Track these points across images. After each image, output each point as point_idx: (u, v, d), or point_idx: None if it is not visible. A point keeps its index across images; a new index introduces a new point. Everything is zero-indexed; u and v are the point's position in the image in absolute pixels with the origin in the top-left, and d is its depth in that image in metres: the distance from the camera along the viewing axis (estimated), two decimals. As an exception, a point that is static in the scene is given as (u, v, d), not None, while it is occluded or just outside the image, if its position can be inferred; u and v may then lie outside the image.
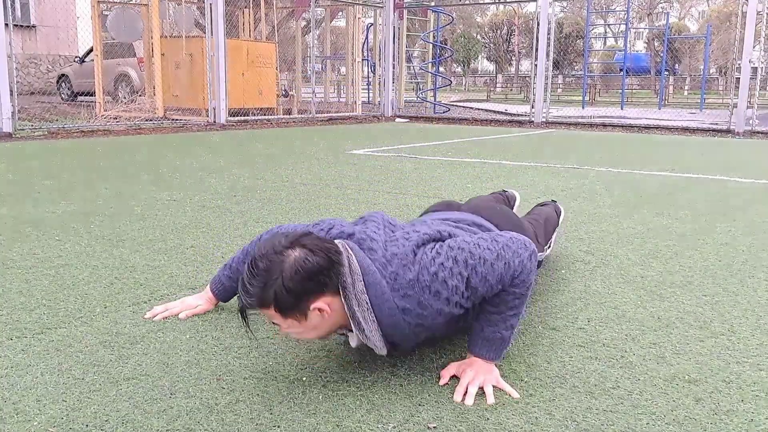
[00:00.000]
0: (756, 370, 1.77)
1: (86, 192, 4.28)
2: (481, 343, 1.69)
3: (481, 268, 1.62)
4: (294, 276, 1.51)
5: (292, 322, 1.57)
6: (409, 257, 1.64)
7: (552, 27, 11.57)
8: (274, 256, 1.53)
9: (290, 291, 1.51)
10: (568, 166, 6.09)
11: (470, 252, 1.64)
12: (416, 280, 1.61)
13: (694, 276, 2.64)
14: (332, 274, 1.56)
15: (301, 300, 1.54)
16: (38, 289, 2.33)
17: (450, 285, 1.61)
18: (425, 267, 1.62)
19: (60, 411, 1.50)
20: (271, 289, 1.51)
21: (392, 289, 1.61)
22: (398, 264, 1.62)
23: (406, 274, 1.61)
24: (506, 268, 1.64)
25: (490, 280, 1.63)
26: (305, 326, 1.58)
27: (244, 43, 11.87)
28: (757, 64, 10.34)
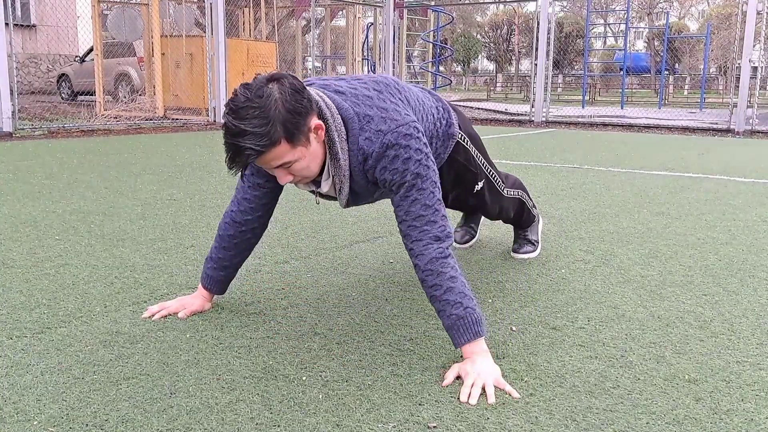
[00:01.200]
0: (756, 370, 1.77)
1: (86, 191, 4.28)
2: (454, 334, 1.72)
3: (416, 193, 1.74)
4: (288, 98, 1.60)
5: (301, 150, 1.65)
6: (389, 111, 1.76)
7: (552, 26, 11.57)
8: (258, 97, 1.59)
9: (292, 111, 1.60)
10: (568, 165, 6.09)
11: (427, 176, 1.75)
12: (384, 133, 1.73)
13: (694, 275, 2.64)
14: (310, 97, 1.68)
15: (302, 118, 1.63)
16: (38, 289, 2.33)
17: (395, 165, 1.73)
18: (399, 133, 1.73)
19: (60, 410, 1.50)
20: (276, 121, 1.58)
21: (360, 129, 1.74)
22: (375, 111, 1.75)
23: (380, 123, 1.74)
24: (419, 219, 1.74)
25: (406, 206, 1.74)
26: (311, 154, 1.68)
27: (244, 42, 11.87)
28: (757, 64, 10.34)
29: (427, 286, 1.74)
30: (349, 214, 3.69)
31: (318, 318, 2.10)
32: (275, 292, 2.35)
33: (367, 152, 1.74)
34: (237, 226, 2.06)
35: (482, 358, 1.69)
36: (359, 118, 1.75)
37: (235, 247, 2.10)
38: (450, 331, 1.73)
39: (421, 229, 1.75)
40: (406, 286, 2.45)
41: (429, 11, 15.95)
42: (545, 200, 4.21)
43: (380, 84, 1.89)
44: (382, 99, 1.81)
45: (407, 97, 1.94)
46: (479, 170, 2.38)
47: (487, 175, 2.44)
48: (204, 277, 2.15)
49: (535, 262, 2.79)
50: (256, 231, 2.10)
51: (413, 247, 1.76)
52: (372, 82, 1.88)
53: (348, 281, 2.49)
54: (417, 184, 1.74)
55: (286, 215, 3.65)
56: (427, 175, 1.76)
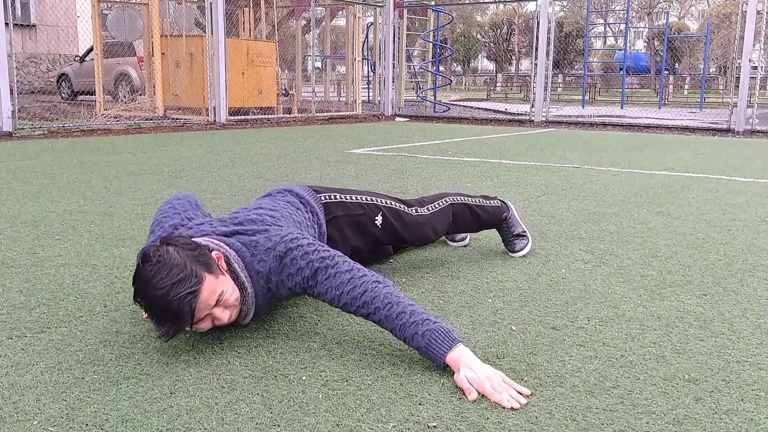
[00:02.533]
0: (756, 370, 1.77)
1: (86, 191, 4.28)
2: (433, 350, 1.68)
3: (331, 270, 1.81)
4: (184, 245, 1.76)
5: (222, 279, 1.77)
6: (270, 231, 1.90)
7: (552, 26, 11.57)
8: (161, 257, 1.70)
9: (194, 250, 1.76)
10: (568, 165, 6.09)
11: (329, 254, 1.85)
12: (272, 249, 1.85)
13: (694, 275, 2.64)
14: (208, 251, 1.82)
15: (207, 252, 1.79)
16: (38, 288, 2.33)
17: (298, 265, 1.82)
18: (285, 241, 1.85)
19: (60, 410, 1.50)
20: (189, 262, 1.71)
21: (252, 255, 1.87)
22: (259, 236, 1.89)
23: (265, 243, 1.87)
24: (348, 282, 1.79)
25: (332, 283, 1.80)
26: (229, 280, 1.80)
27: (244, 42, 11.87)
28: (757, 63, 10.33)
29: (391, 320, 1.72)
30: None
31: (318, 317, 2.10)
32: (275, 291, 2.35)
33: (265, 272, 1.85)
34: None
35: (474, 361, 1.65)
36: (248, 247, 1.87)
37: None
38: (428, 349, 1.68)
39: (357, 285, 1.77)
40: (407, 285, 2.45)
41: (429, 11, 15.94)
42: (545, 200, 4.21)
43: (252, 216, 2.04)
44: (259, 226, 1.96)
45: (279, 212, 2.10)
46: (366, 209, 2.38)
47: (380, 207, 2.42)
48: None
49: (535, 262, 2.79)
50: None
51: (364, 299, 1.76)
52: (245, 219, 2.02)
53: (348, 281, 2.49)
54: (328, 264, 1.81)
55: (286, 215, 3.65)
56: (330, 255, 1.84)
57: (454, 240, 3.04)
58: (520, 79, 34.68)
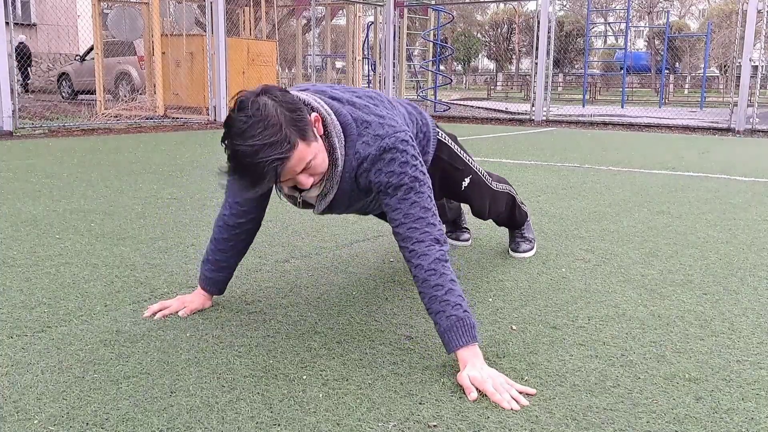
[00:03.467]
0: (756, 369, 1.77)
1: (87, 190, 4.28)
2: (452, 336, 1.67)
3: (414, 196, 1.75)
4: (283, 102, 1.62)
5: (314, 146, 1.66)
6: (385, 119, 1.79)
7: (552, 25, 11.56)
8: (257, 111, 1.58)
9: (293, 110, 1.62)
10: (568, 164, 6.09)
11: (424, 181, 1.78)
12: (381, 138, 1.76)
13: (694, 274, 2.64)
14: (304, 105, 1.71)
15: (302, 113, 1.65)
16: (38, 288, 2.33)
17: (392, 168, 1.75)
18: (397, 138, 1.76)
19: (60, 409, 1.50)
20: (286, 125, 1.59)
21: (358, 134, 1.77)
22: (373, 118, 1.78)
23: (377, 128, 1.77)
24: (418, 221, 1.74)
25: (405, 209, 1.74)
26: (321, 147, 1.69)
27: (244, 41, 11.87)
28: (758, 63, 10.33)
29: (428, 286, 1.70)
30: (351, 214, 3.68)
31: (318, 317, 2.10)
32: (275, 291, 2.35)
33: (363, 155, 1.76)
34: (230, 229, 2.07)
35: (481, 363, 1.66)
36: (357, 123, 1.77)
37: (231, 249, 2.11)
38: (447, 334, 1.67)
39: (422, 230, 1.73)
40: (407, 284, 2.45)
41: (429, 10, 15.93)
42: (545, 199, 4.21)
43: (372, 95, 1.94)
44: (377, 107, 1.85)
45: (397, 108, 2.00)
46: (464, 167, 2.40)
47: (473, 171, 2.45)
48: (202, 279, 2.15)
49: (536, 261, 2.79)
50: (250, 231, 2.11)
51: (415, 248, 1.73)
52: (364, 94, 1.92)
53: (348, 280, 2.49)
54: (415, 187, 1.75)
55: (287, 214, 3.65)
56: (423, 180, 1.78)
57: (458, 239, 3.04)
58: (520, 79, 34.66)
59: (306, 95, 1.78)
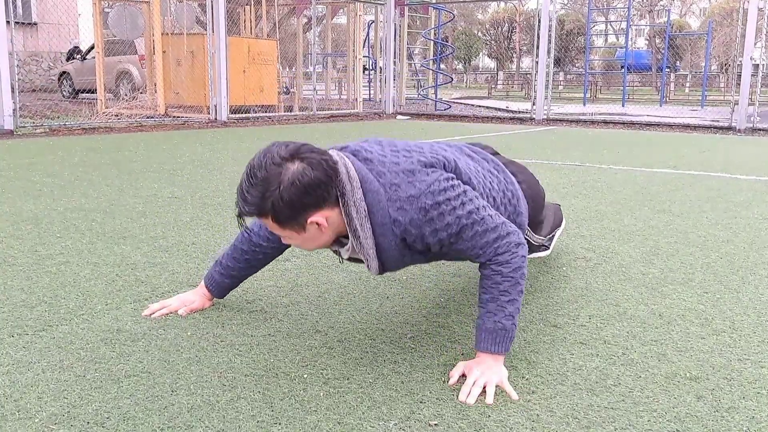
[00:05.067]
0: (757, 368, 1.77)
1: (87, 189, 4.28)
2: (485, 337, 1.68)
3: (479, 227, 1.68)
4: (292, 189, 1.53)
5: (290, 233, 1.61)
6: (416, 174, 1.66)
7: (553, 24, 11.55)
8: (272, 167, 1.54)
9: (288, 204, 1.54)
10: (569, 163, 6.09)
11: (478, 208, 1.69)
12: (416, 198, 1.63)
13: (695, 273, 2.63)
14: (330, 188, 1.58)
15: (299, 213, 1.56)
16: (39, 287, 2.33)
17: (445, 221, 1.65)
18: (432, 192, 1.64)
19: (61, 408, 1.50)
20: (269, 200, 1.54)
21: (389, 199, 1.63)
22: (402, 178, 1.65)
23: (409, 189, 1.64)
24: (495, 241, 1.69)
25: (478, 241, 1.68)
26: (303, 237, 1.62)
27: (245, 40, 11.85)
28: (759, 61, 10.32)
29: (497, 289, 1.68)
30: (350, 212, 3.68)
31: (319, 316, 2.10)
32: (276, 289, 2.35)
33: (404, 222, 1.64)
34: (252, 245, 2.05)
35: (493, 361, 1.67)
36: (386, 188, 1.64)
37: (245, 262, 2.08)
38: (484, 333, 1.67)
39: (499, 245, 1.69)
40: (408, 283, 2.45)
41: (430, 9, 15.92)
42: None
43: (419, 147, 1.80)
44: (411, 160, 1.70)
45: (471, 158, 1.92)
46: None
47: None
48: (208, 278, 2.14)
49: (536, 260, 2.78)
50: (269, 255, 2.08)
51: (500, 259, 1.69)
52: (403, 148, 1.77)
53: (349, 279, 2.49)
54: (475, 219, 1.68)
55: (287, 213, 3.64)
56: (477, 207, 1.69)
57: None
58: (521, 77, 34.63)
59: (339, 156, 1.65)
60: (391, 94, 13.58)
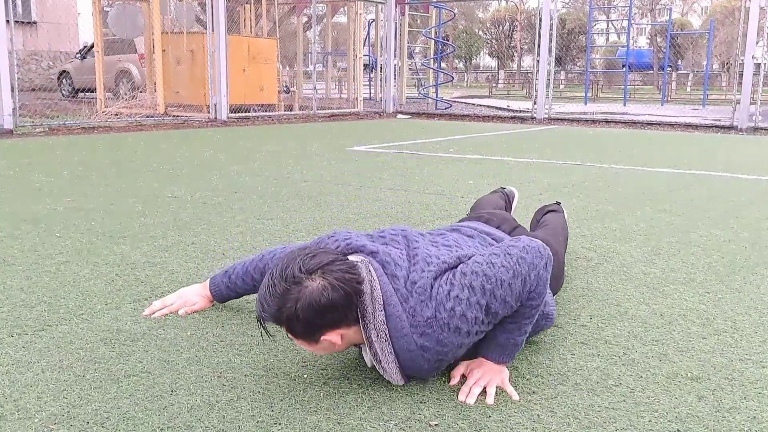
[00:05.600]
0: (759, 368, 1.76)
1: (87, 188, 4.28)
2: (494, 348, 1.66)
3: (500, 290, 1.57)
4: (308, 309, 1.48)
5: (302, 342, 1.57)
6: (427, 291, 1.58)
7: (554, 23, 11.54)
8: (293, 283, 1.49)
9: (302, 321, 1.49)
10: (570, 162, 6.08)
11: (485, 275, 1.57)
12: (434, 318, 1.55)
13: (696, 273, 2.63)
14: (349, 311, 1.53)
15: (313, 331, 1.52)
16: (39, 286, 2.33)
17: (470, 318, 1.56)
18: (441, 303, 1.56)
19: (61, 408, 1.49)
20: (284, 314, 1.49)
21: (411, 325, 1.56)
22: (417, 299, 1.57)
23: (424, 311, 1.56)
24: (523, 285, 1.59)
25: (510, 300, 1.58)
26: (315, 348, 1.58)
27: (245, 39, 11.85)
28: (761, 60, 10.30)
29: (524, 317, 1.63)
30: (351, 212, 3.68)
31: (319, 315, 2.10)
32: (276, 289, 2.34)
33: (432, 346, 1.57)
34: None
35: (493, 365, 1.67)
36: (408, 314, 1.57)
37: (253, 288, 2.07)
38: (496, 346, 1.66)
39: (530, 284, 1.60)
40: (408, 283, 2.44)
41: (430, 7, 15.91)
42: (547, 197, 4.20)
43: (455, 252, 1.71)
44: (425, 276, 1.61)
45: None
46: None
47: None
48: (215, 285, 2.13)
49: (537, 260, 2.78)
50: None
51: (535, 294, 1.62)
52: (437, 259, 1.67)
53: (349, 278, 2.48)
54: (489, 289, 1.57)
55: (287, 213, 3.64)
56: (482, 274, 1.58)
57: None
58: (522, 76, 34.61)
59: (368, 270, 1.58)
60: (391, 93, 13.58)
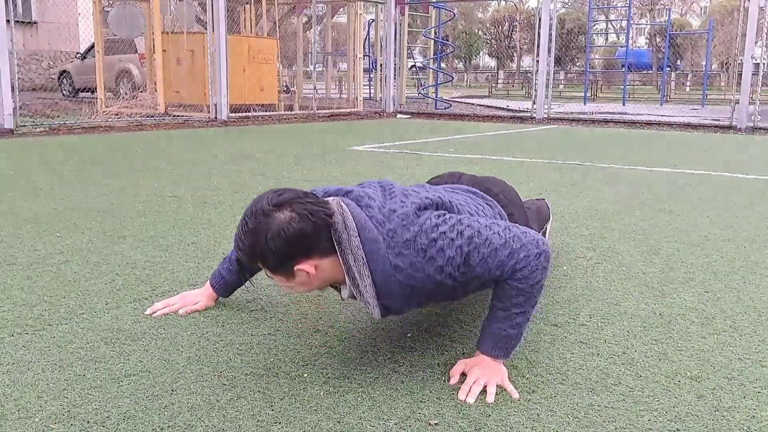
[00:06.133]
0: (758, 367, 1.77)
1: (87, 188, 4.28)
2: (488, 341, 1.69)
3: (485, 249, 1.63)
4: (277, 239, 1.55)
5: (279, 278, 1.64)
6: (410, 217, 1.66)
7: (554, 23, 11.54)
8: (261, 216, 1.57)
9: (274, 253, 1.57)
10: (569, 162, 6.08)
11: (478, 231, 1.66)
12: (413, 241, 1.63)
13: (696, 272, 2.63)
14: (317, 239, 1.59)
15: (285, 261, 1.59)
16: (39, 286, 2.33)
17: (447, 255, 1.62)
18: (425, 231, 1.64)
19: (61, 407, 1.50)
20: (258, 248, 1.57)
21: (388, 246, 1.63)
22: (397, 222, 1.65)
23: (404, 233, 1.63)
24: (509, 257, 1.63)
25: (490, 263, 1.63)
26: (293, 283, 1.64)
27: (245, 39, 11.85)
28: (760, 60, 10.31)
29: (511, 302, 1.65)
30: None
31: (319, 315, 2.10)
32: (276, 289, 2.35)
33: (405, 266, 1.62)
34: None
35: (493, 360, 1.68)
36: (384, 236, 1.63)
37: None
38: (489, 337, 1.68)
39: (516, 261, 1.63)
40: (408, 283, 2.44)
41: (430, 8, 15.91)
42: (547, 197, 4.20)
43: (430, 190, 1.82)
44: (405, 205, 1.69)
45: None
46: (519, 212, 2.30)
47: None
48: (216, 276, 2.14)
49: (537, 259, 2.78)
50: None
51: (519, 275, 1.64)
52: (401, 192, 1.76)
53: (349, 278, 2.49)
54: (477, 243, 1.63)
55: (288, 212, 3.64)
56: (476, 231, 1.65)
57: None
58: (521, 76, 34.61)
59: (339, 205, 1.63)
60: (391, 92, 13.58)
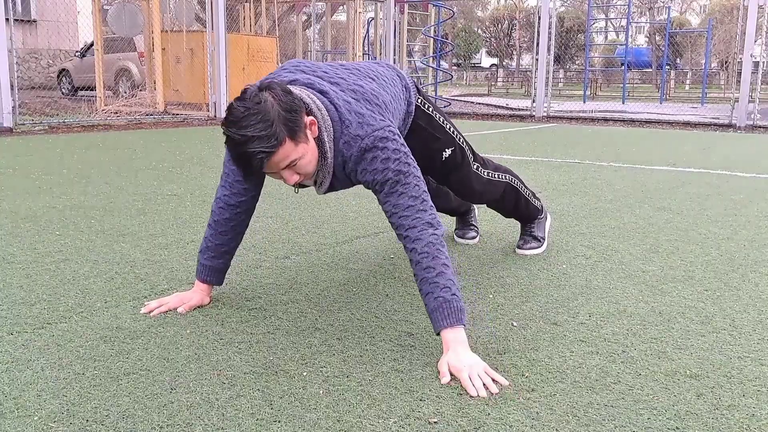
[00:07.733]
0: (758, 365, 1.77)
1: (87, 187, 4.28)
2: (437, 317, 1.72)
3: (401, 188, 1.80)
4: (283, 99, 1.69)
5: (303, 147, 1.74)
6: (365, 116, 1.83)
7: (553, 21, 11.54)
8: (256, 104, 1.66)
9: (289, 110, 1.69)
10: (569, 160, 6.08)
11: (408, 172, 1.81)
12: (361, 138, 1.80)
13: (695, 271, 2.63)
14: (301, 116, 1.74)
15: (298, 115, 1.71)
16: (38, 284, 2.33)
17: (374, 166, 1.80)
18: (375, 137, 1.80)
19: (60, 406, 1.50)
20: (278, 122, 1.66)
21: (341, 132, 1.82)
22: (354, 117, 1.82)
23: (357, 129, 1.81)
24: (409, 210, 1.79)
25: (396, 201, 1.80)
26: (311, 149, 1.76)
27: (244, 37, 11.85)
28: (759, 59, 10.31)
29: (420, 268, 1.76)
30: (350, 210, 3.68)
31: (318, 314, 2.10)
32: (276, 287, 2.35)
33: (346, 156, 1.83)
34: (232, 208, 2.09)
35: (463, 349, 1.70)
36: (341, 121, 1.83)
37: (232, 230, 2.13)
38: (433, 314, 1.73)
39: (413, 217, 1.79)
40: (407, 281, 2.44)
41: (430, 6, 15.90)
42: (546, 195, 4.21)
43: (360, 83, 1.95)
44: (360, 104, 1.87)
45: (383, 85, 2.03)
46: (445, 136, 2.36)
47: (457, 143, 2.40)
48: (201, 270, 2.14)
49: (536, 258, 2.78)
50: (249, 211, 2.14)
51: (408, 234, 1.79)
52: (353, 82, 1.94)
53: (349, 277, 2.49)
54: (400, 179, 1.81)
55: (287, 211, 3.64)
56: (408, 171, 1.82)
57: (464, 237, 3.02)
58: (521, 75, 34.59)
59: (300, 91, 1.82)
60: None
